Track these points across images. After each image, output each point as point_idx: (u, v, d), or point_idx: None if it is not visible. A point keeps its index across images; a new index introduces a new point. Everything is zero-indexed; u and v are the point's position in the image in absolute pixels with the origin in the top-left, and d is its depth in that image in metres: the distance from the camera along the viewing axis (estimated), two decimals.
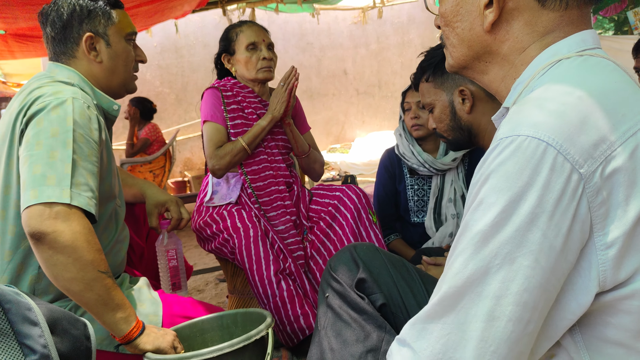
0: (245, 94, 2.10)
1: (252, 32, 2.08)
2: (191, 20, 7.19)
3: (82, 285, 1.13)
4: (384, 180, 2.24)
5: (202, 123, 2.07)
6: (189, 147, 7.70)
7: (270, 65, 2.09)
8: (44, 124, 1.18)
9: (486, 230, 0.68)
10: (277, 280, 1.79)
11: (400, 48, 8.74)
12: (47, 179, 1.13)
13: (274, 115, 2.00)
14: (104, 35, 1.40)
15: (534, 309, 0.67)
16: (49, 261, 1.11)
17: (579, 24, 0.81)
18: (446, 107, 1.53)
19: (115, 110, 1.44)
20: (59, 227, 1.10)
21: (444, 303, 0.71)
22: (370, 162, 7.22)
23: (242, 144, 1.96)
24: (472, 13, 0.85)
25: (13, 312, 0.84)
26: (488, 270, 0.67)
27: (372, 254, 1.23)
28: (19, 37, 4.14)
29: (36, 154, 1.15)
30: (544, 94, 0.74)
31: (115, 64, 1.43)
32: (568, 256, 0.68)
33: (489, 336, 0.67)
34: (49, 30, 1.38)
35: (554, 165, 0.66)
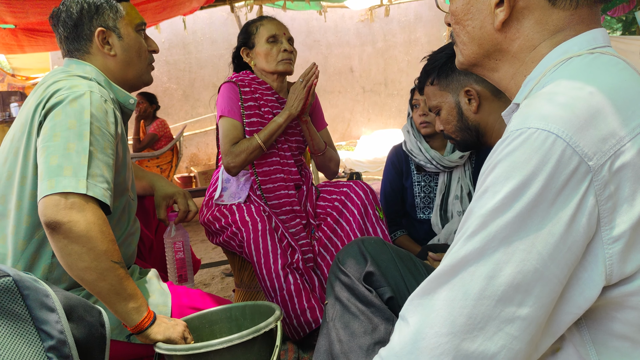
0: (263, 91, 2.09)
1: (273, 25, 2.08)
2: (199, 17, 7.22)
3: (95, 274, 1.15)
4: (391, 176, 2.26)
5: (217, 117, 2.06)
6: (195, 143, 7.73)
7: (291, 57, 2.07)
8: (62, 116, 1.20)
9: (487, 214, 0.69)
10: (285, 273, 1.80)
11: (407, 46, 8.73)
12: (63, 170, 1.15)
13: (291, 112, 1.99)
14: (114, 29, 1.43)
15: (526, 292, 0.68)
16: (64, 250, 1.13)
17: (589, 23, 0.82)
18: (453, 108, 1.55)
19: (131, 104, 1.47)
20: (74, 217, 1.12)
21: (439, 280, 0.73)
22: (376, 160, 7.23)
23: (258, 142, 1.95)
24: (483, 12, 0.86)
25: (31, 298, 0.86)
26: (484, 251, 0.69)
27: (380, 248, 1.25)
28: (29, 31, 4.17)
29: (53, 145, 1.17)
30: (555, 88, 0.75)
31: (129, 56, 1.46)
32: (572, 247, 0.69)
33: (478, 314, 0.69)
34: (61, 30, 1.42)
35: (561, 156, 0.67)
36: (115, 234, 1.40)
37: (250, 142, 1.96)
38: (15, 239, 1.28)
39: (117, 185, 1.39)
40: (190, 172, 7.34)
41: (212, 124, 7.76)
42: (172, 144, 5.25)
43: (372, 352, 1.08)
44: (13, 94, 6.34)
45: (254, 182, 2.02)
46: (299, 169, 2.15)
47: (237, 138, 1.99)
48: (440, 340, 0.71)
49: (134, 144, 5.39)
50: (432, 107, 1.62)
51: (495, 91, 1.46)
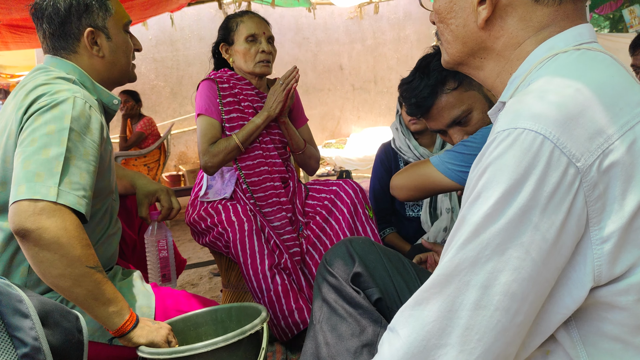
0: (242, 86, 2.07)
1: (253, 23, 2.04)
2: (187, 14, 7.15)
3: (70, 281, 1.11)
4: (380, 174, 2.24)
5: (196, 116, 2.04)
6: (183, 141, 7.67)
7: (269, 59, 2.05)
8: (41, 122, 1.17)
9: (479, 221, 0.68)
10: (272, 274, 1.78)
11: (396, 44, 8.73)
12: (36, 176, 1.11)
13: (269, 113, 1.97)
14: (103, 29, 1.39)
15: (522, 300, 0.67)
16: (36, 258, 1.10)
17: (575, 19, 0.81)
18: (485, 103, 1.42)
19: (115, 104, 1.44)
20: (43, 223, 1.08)
21: (432, 290, 0.71)
22: (366, 158, 7.22)
23: (236, 142, 1.93)
24: (466, 10, 0.85)
25: (3, 303, 0.83)
26: (477, 260, 0.68)
27: (368, 248, 1.23)
28: (13, 27, 4.10)
29: (29, 150, 1.14)
30: (545, 85, 0.73)
31: (116, 57, 1.43)
32: (562, 250, 0.67)
33: (475, 324, 0.68)
34: (45, 26, 1.35)
35: (550, 159, 0.66)
36: (95, 235, 1.37)
37: (229, 142, 1.94)
38: None
39: (102, 188, 1.36)
40: (178, 171, 7.29)
41: None
42: (160, 142, 5.19)
43: (360, 355, 1.06)
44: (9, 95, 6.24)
45: (239, 177, 2.00)
46: (284, 161, 2.13)
47: (215, 137, 1.97)
48: (438, 352, 0.69)
49: (120, 143, 5.32)
50: (458, 117, 1.43)
51: None
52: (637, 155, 0.68)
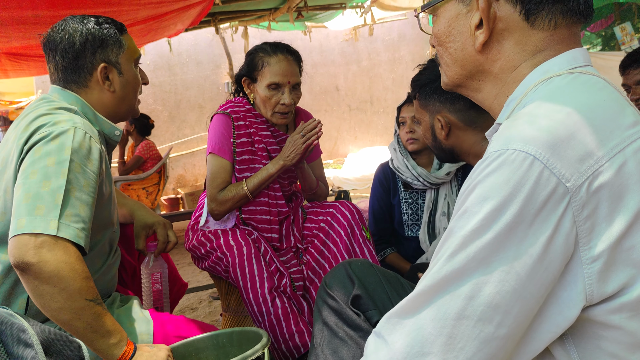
0: (258, 124, 1.99)
1: (280, 68, 1.91)
2: (184, 39, 7.24)
3: (70, 314, 1.11)
4: (379, 194, 2.25)
5: (207, 152, 1.98)
6: (182, 164, 7.70)
7: (289, 110, 1.95)
8: (41, 153, 1.17)
9: (467, 235, 0.70)
10: (272, 297, 1.78)
11: (391, 64, 8.83)
12: (36, 209, 1.11)
13: (285, 163, 1.87)
14: (116, 64, 1.40)
15: (505, 312, 0.69)
16: (36, 291, 1.09)
17: (569, 43, 0.84)
18: (428, 128, 1.56)
19: (116, 135, 1.44)
20: (43, 256, 1.08)
21: (419, 299, 0.73)
22: (363, 177, 7.24)
23: (245, 191, 1.88)
24: (464, 34, 0.87)
25: (7, 333, 0.84)
26: (464, 272, 0.69)
27: (367, 270, 1.24)
28: (12, 55, 4.14)
29: (29, 182, 1.14)
30: (534, 110, 0.75)
31: (126, 92, 1.44)
32: (549, 267, 0.69)
33: (458, 334, 0.69)
34: (59, 58, 1.36)
35: (539, 178, 0.68)
36: (95, 265, 1.37)
37: (238, 190, 1.88)
38: None
39: (102, 220, 1.36)
40: (177, 194, 7.29)
41: (199, 144, 7.74)
42: (159, 166, 5.20)
43: None
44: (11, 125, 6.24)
45: (238, 218, 1.99)
46: (290, 197, 2.10)
47: (224, 182, 1.92)
48: None
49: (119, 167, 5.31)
50: (415, 117, 1.64)
51: (469, 121, 1.45)
52: (626, 177, 0.70)
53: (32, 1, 2.70)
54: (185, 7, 3.59)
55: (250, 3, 4.37)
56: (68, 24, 1.36)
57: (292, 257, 1.96)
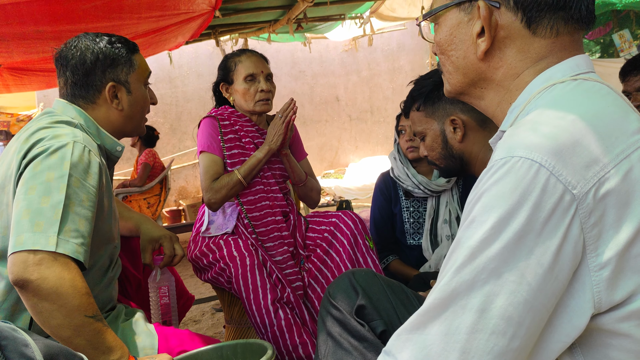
0: (243, 123, 2.09)
1: (251, 62, 2.07)
2: (185, 51, 7.28)
3: (70, 331, 1.10)
4: (380, 203, 2.25)
5: (198, 153, 2.06)
6: (183, 176, 7.70)
7: (269, 97, 2.08)
8: (40, 168, 1.16)
9: (475, 246, 0.69)
10: (275, 309, 1.77)
11: (391, 74, 8.86)
12: (34, 225, 1.11)
13: (270, 147, 1.99)
14: (125, 83, 1.40)
15: (519, 324, 0.67)
16: (35, 308, 1.09)
17: (572, 50, 0.83)
18: (437, 136, 1.54)
19: (118, 151, 1.44)
20: (42, 273, 1.07)
21: (429, 314, 0.71)
22: (365, 187, 7.23)
23: (238, 177, 1.94)
24: (466, 42, 0.87)
25: (10, 348, 0.83)
26: (474, 284, 0.68)
27: (371, 280, 1.23)
28: (14, 70, 4.17)
29: (28, 198, 1.13)
30: (538, 117, 0.75)
31: (134, 111, 1.44)
32: (559, 276, 0.68)
33: (471, 348, 0.68)
34: (69, 74, 1.37)
35: (545, 186, 0.67)
36: (95, 280, 1.36)
37: (231, 177, 1.95)
38: None
39: (102, 235, 1.36)
40: (179, 206, 7.29)
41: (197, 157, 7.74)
42: (160, 178, 5.21)
43: None
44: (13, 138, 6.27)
45: (241, 212, 2.00)
46: (284, 195, 2.14)
47: (217, 174, 1.99)
48: None
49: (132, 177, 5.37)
50: (417, 132, 1.62)
51: (481, 121, 1.46)
52: (633, 184, 0.70)
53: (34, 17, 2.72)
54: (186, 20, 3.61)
55: (250, 15, 4.39)
56: (81, 41, 1.37)
57: (293, 265, 1.95)
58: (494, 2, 0.82)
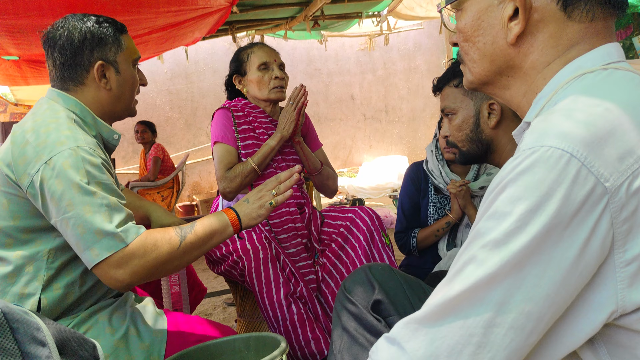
0: (256, 114, 2.09)
1: (264, 52, 2.09)
2: (201, 47, 7.30)
3: (187, 259, 1.25)
4: (410, 191, 2.19)
5: (212, 144, 2.05)
6: (197, 171, 7.73)
7: (282, 84, 2.09)
8: (64, 184, 1.17)
9: (499, 238, 0.66)
10: (288, 303, 1.75)
11: (406, 74, 8.82)
12: (95, 234, 1.16)
13: (282, 134, 1.99)
14: (114, 63, 1.39)
15: (538, 320, 0.65)
16: (152, 278, 1.21)
17: (604, 36, 0.80)
18: (470, 117, 1.50)
19: (115, 139, 1.44)
20: (125, 270, 1.17)
21: (444, 306, 0.68)
22: (378, 187, 7.20)
23: (252, 165, 1.94)
24: (495, 26, 0.84)
25: (21, 331, 0.82)
26: (495, 277, 0.65)
27: (388, 275, 1.20)
28: (33, 62, 4.21)
29: (72, 215, 1.16)
30: (571, 104, 0.72)
31: (123, 90, 1.43)
32: (584, 271, 0.65)
33: (487, 342, 0.65)
34: (57, 55, 1.36)
35: (576, 177, 0.64)
36: None
37: (245, 166, 1.95)
38: None
39: None
40: (192, 201, 7.32)
41: None
42: (176, 173, 5.24)
43: None
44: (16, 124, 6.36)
45: None
46: (299, 186, 2.12)
47: (231, 163, 1.99)
48: None
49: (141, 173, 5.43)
50: (447, 108, 1.57)
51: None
52: None
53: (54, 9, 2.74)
54: (203, 16, 3.62)
55: (267, 11, 4.39)
56: (68, 22, 1.36)
57: (307, 258, 1.93)
58: None
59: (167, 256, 1.21)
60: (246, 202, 1.39)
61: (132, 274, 1.17)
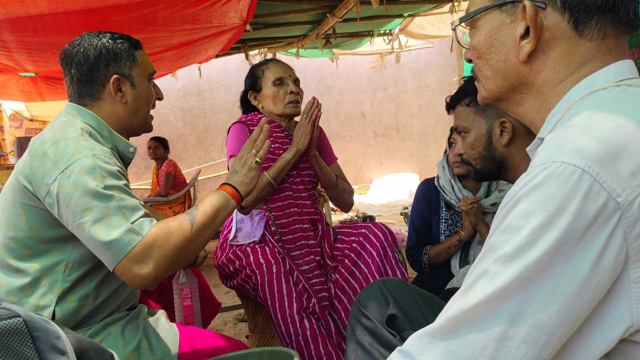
0: (272, 129, 2.09)
1: (278, 68, 2.11)
2: (214, 65, 7.40)
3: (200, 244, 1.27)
4: (422, 208, 2.18)
5: (228, 157, 2.06)
6: (208, 187, 7.77)
7: (298, 99, 2.10)
8: (80, 190, 1.19)
9: (511, 252, 0.66)
10: (300, 318, 1.75)
11: (417, 92, 8.85)
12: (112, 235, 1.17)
13: (298, 147, 2.00)
14: (129, 77, 1.42)
15: (551, 333, 0.65)
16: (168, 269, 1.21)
17: (617, 54, 0.81)
18: (482, 135, 1.51)
19: (130, 152, 1.46)
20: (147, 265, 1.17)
21: (457, 319, 0.69)
22: (389, 204, 7.19)
23: (267, 178, 1.94)
24: (507, 44, 0.85)
25: (42, 340, 0.83)
26: (507, 291, 0.66)
27: (402, 290, 1.20)
28: (49, 79, 4.28)
29: (90, 219, 1.18)
30: (583, 121, 0.72)
31: (138, 104, 1.46)
32: (598, 286, 0.65)
33: (500, 356, 0.65)
34: (74, 71, 1.40)
35: (588, 192, 0.64)
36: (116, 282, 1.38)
37: (261, 179, 1.95)
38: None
39: None
40: None
41: (225, 168, 7.82)
42: (187, 189, 5.28)
43: None
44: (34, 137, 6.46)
45: (269, 218, 2.00)
46: (313, 202, 2.12)
47: None
48: None
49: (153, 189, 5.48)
50: (460, 127, 1.58)
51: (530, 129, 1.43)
52: None
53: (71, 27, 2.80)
54: (217, 34, 3.68)
55: (280, 30, 4.45)
56: (84, 39, 1.40)
57: (319, 275, 1.93)
58: (540, 3, 0.80)
59: (183, 241, 1.22)
60: (234, 173, 1.41)
61: (155, 266, 1.17)
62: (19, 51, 3.21)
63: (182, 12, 2.92)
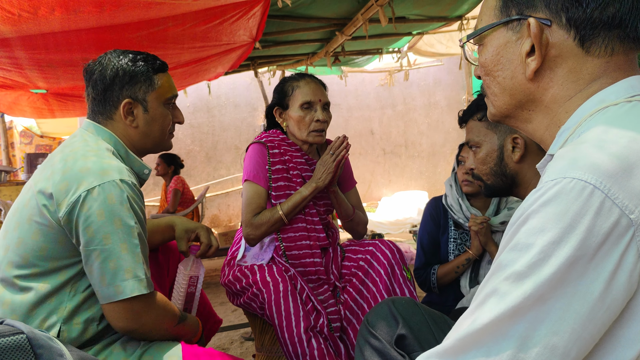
0: (293, 152, 2.02)
1: (310, 89, 1.98)
2: (223, 82, 7.47)
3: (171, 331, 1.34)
4: (430, 227, 2.16)
5: (243, 179, 2.00)
6: (216, 204, 7.78)
7: (324, 127, 1.99)
8: (105, 216, 1.19)
9: (521, 271, 0.65)
10: (308, 337, 1.72)
11: (426, 109, 8.86)
12: (124, 272, 1.18)
13: (318, 185, 1.90)
14: (142, 101, 1.41)
15: (564, 355, 0.63)
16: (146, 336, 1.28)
17: (627, 70, 0.79)
18: (494, 150, 1.49)
19: (145, 174, 1.46)
20: (145, 318, 1.24)
21: (466, 339, 0.67)
22: (397, 222, 7.15)
23: (280, 214, 1.88)
24: (514, 62, 0.84)
25: (45, 357, 0.82)
26: (517, 310, 0.64)
27: (412, 309, 1.18)
28: (60, 96, 4.33)
29: (108, 248, 1.18)
30: (598, 135, 0.71)
31: (150, 129, 1.45)
32: (611, 305, 0.63)
33: None
34: (90, 89, 1.41)
35: (600, 209, 0.63)
36: None
37: (272, 214, 1.89)
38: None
39: None
40: None
41: (234, 185, 7.84)
42: (195, 205, 5.28)
43: None
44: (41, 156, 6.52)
45: (279, 248, 1.96)
46: (326, 229, 2.07)
47: (259, 207, 1.93)
48: None
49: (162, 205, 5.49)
50: (471, 142, 1.56)
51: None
52: None
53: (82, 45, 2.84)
54: (227, 51, 3.71)
55: (289, 47, 4.48)
56: (106, 57, 1.41)
57: (330, 297, 1.90)
58: (545, 20, 0.79)
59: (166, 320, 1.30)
60: None
61: (141, 324, 1.24)
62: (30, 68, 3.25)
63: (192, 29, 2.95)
